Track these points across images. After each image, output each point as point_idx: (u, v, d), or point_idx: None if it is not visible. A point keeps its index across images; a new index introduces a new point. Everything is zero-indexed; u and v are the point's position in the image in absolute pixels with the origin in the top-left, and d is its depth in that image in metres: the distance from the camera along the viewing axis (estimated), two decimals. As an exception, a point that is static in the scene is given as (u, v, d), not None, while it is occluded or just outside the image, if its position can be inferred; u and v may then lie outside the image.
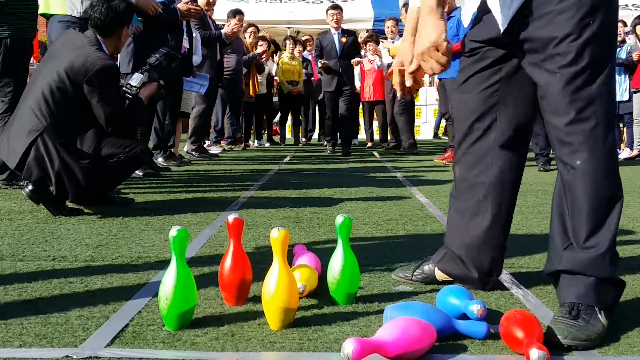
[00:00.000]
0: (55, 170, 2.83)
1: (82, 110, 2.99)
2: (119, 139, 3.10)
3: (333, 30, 7.54)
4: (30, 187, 2.85)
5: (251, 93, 8.63)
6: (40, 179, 2.86)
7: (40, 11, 4.02)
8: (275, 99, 10.11)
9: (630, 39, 7.92)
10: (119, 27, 3.22)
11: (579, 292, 1.48)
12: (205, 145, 7.81)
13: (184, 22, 5.50)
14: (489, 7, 1.67)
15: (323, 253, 2.22)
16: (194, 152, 6.81)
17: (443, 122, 10.94)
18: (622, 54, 7.70)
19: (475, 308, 1.43)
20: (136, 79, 3.29)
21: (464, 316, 1.48)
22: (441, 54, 1.56)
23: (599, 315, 1.45)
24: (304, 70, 9.87)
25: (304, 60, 10.02)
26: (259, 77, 8.84)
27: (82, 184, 2.86)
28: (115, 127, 3.07)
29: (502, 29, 1.63)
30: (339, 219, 1.69)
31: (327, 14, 7.67)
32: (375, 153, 8.39)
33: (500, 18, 1.63)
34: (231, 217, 1.64)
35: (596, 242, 1.50)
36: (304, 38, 10.60)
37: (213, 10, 7.13)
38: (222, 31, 6.82)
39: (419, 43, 1.60)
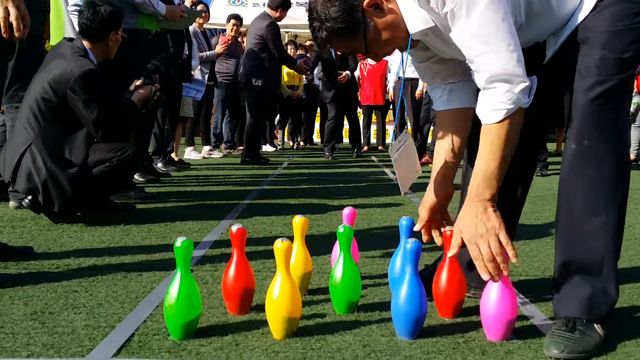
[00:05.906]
0: (41, 180, 2.83)
1: (69, 120, 2.97)
2: (109, 144, 3.03)
3: None
4: (30, 197, 2.87)
5: None
6: (29, 190, 2.87)
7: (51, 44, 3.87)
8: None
9: None
10: (106, 32, 3.20)
11: (574, 305, 1.50)
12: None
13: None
14: None
15: (324, 261, 2.25)
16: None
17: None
18: None
19: None
20: (133, 85, 3.32)
21: None
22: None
23: (595, 327, 1.47)
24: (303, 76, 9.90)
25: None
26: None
27: (68, 194, 2.86)
28: (106, 133, 3.00)
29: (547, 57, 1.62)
30: (340, 229, 1.72)
31: None
32: (373, 157, 8.42)
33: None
34: (234, 227, 1.66)
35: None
36: (307, 43, 10.60)
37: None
38: (215, 51, 7.07)
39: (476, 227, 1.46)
